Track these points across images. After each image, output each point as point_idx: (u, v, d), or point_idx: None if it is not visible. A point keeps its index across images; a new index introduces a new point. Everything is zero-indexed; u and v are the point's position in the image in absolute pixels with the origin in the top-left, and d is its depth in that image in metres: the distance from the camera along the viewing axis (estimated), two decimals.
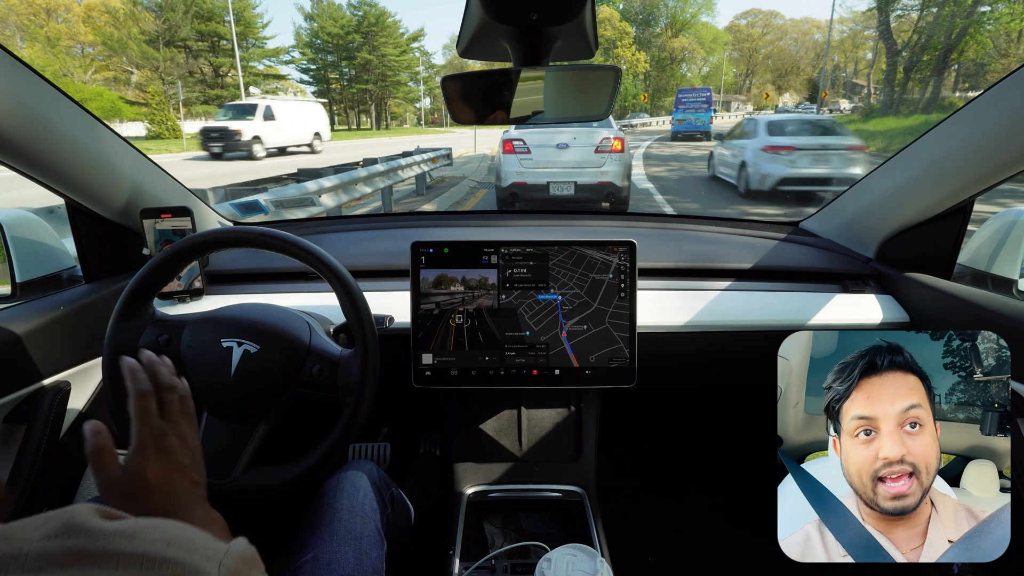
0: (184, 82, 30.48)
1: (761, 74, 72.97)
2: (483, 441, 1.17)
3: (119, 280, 1.09)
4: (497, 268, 0.96)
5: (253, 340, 0.79)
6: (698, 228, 1.44)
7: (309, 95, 47.81)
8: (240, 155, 14.51)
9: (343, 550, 0.75)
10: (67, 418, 0.94)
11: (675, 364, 1.19)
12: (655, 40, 60.43)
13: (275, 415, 0.80)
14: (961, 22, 20.90)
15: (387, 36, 44.34)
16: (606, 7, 54.99)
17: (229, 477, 0.77)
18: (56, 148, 0.87)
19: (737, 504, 1.48)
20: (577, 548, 0.82)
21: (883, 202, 1.13)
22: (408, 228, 1.47)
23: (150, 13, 30.14)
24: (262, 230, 0.80)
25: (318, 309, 1.02)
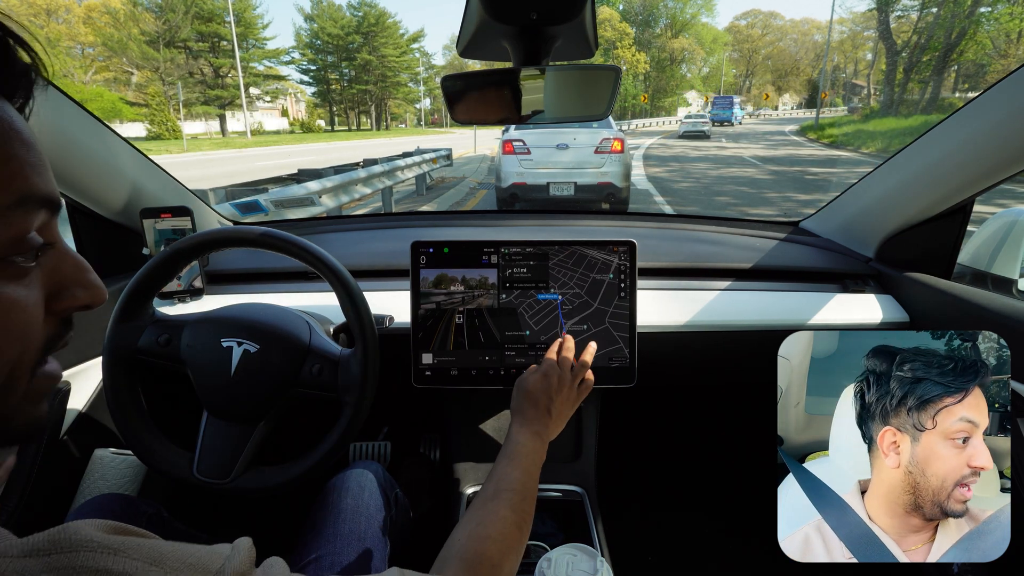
0: (184, 83, 30.51)
1: (761, 75, 72.96)
2: (483, 441, 1.17)
3: (119, 280, 1.09)
4: (497, 268, 0.96)
5: (253, 340, 0.79)
6: (698, 228, 1.44)
7: (309, 96, 47.91)
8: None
9: (347, 550, 0.75)
10: (67, 418, 0.94)
11: (675, 364, 1.19)
12: (655, 41, 60.44)
13: (275, 415, 0.80)
14: (961, 23, 20.92)
15: (387, 37, 44.38)
16: (606, 8, 55.04)
17: (229, 477, 0.77)
18: (56, 148, 0.87)
19: (737, 504, 1.48)
20: (577, 548, 0.82)
21: (883, 202, 1.13)
22: (408, 228, 1.47)
23: (150, 14, 30.17)
24: (262, 230, 0.80)
25: (318, 309, 1.02)
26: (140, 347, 0.79)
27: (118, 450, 1.00)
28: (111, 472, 0.96)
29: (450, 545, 0.56)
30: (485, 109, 0.76)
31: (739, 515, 1.45)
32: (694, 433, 1.66)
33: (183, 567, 0.34)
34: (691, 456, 1.64)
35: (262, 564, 0.40)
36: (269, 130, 42.96)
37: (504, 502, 0.61)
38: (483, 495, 0.63)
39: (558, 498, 1.10)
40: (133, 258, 1.13)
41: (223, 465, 0.77)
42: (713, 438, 1.63)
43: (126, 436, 0.79)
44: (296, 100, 51.98)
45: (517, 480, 0.64)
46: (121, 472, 0.97)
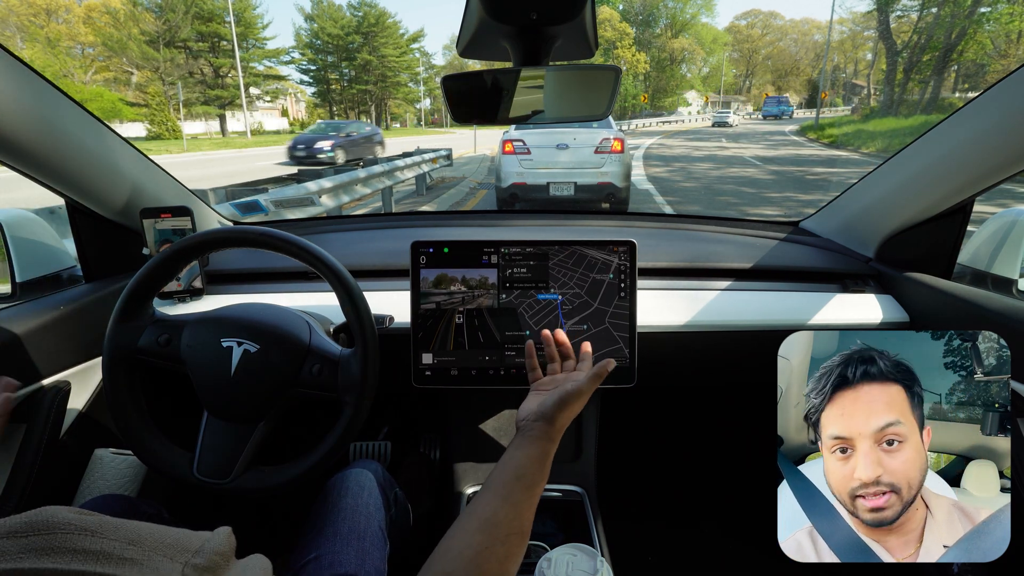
0: (184, 83, 30.49)
1: (761, 75, 72.92)
2: (483, 441, 1.17)
3: (119, 280, 1.09)
4: (497, 268, 0.96)
5: (253, 340, 0.79)
6: (698, 228, 1.44)
7: (309, 96, 47.89)
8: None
9: (346, 549, 0.75)
10: (67, 418, 0.94)
11: (675, 364, 1.19)
12: (655, 41, 60.43)
13: (275, 415, 0.80)
14: (961, 23, 20.91)
15: (387, 37, 44.36)
16: (606, 8, 55.03)
17: (229, 477, 0.77)
18: (56, 148, 0.87)
19: (737, 504, 1.48)
20: (577, 548, 0.82)
21: (883, 202, 1.13)
22: (408, 228, 1.47)
23: (150, 14, 30.16)
24: (262, 230, 0.80)
25: (318, 309, 1.02)
26: (140, 347, 0.79)
27: (118, 450, 1.00)
28: (111, 472, 0.97)
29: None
30: (485, 109, 0.76)
31: (739, 515, 1.45)
32: (694, 433, 1.66)
33: (161, 546, 0.34)
34: (691, 456, 1.64)
35: (247, 558, 0.41)
36: (269, 130, 42.92)
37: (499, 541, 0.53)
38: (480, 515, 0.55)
39: (558, 498, 1.10)
40: (133, 258, 1.13)
41: (223, 465, 0.77)
42: (713, 438, 1.63)
43: (126, 436, 0.79)
44: (296, 100, 52.00)
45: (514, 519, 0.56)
46: (121, 472, 0.97)
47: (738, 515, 1.45)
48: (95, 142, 0.94)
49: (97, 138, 0.95)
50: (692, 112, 54.41)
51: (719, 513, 1.49)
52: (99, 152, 0.96)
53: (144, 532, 0.35)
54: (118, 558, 0.32)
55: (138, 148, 1.07)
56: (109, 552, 0.32)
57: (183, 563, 0.34)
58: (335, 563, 0.73)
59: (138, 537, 0.34)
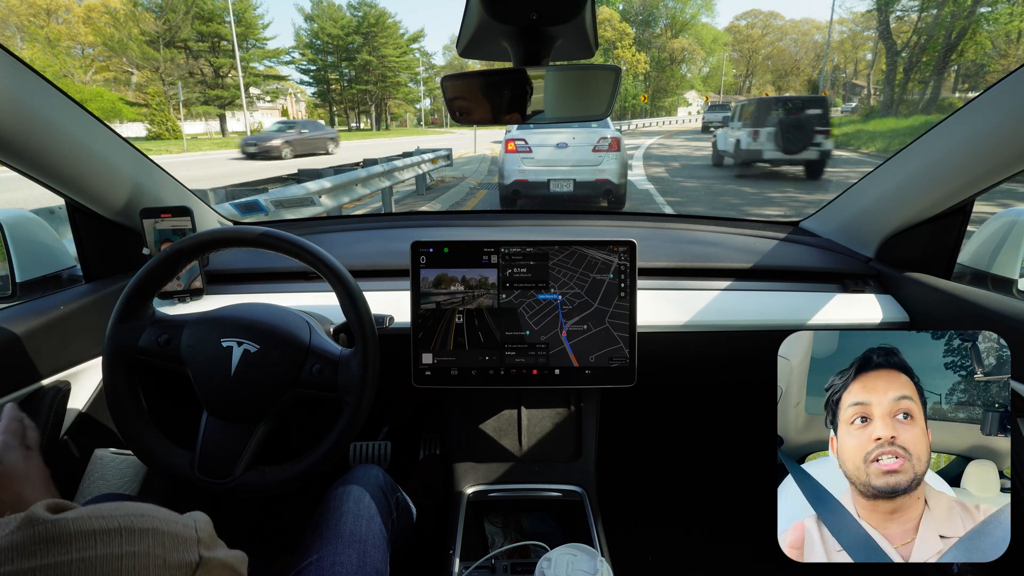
0: (184, 83, 30.48)
1: (761, 75, 72.93)
2: (483, 441, 1.17)
3: (119, 280, 1.09)
4: (497, 268, 0.96)
5: (253, 340, 0.79)
6: (698, 228, 1.44)
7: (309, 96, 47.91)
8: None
9: (347, 552, 0.75)
10: (67, 418, 0.94)
11: (675, 364, 1.19)
12: (655, 41, 60.44)
13: (275, 414, 0.80)
14: (961, 23, 20.91)
15: (387, 37, 44.35)
16: (606, 8, 55.02)
17: (229, 477, 0.77)
18: (56, 148, 0.87)
19: (737, 504, 1.48)
20: (577, 548, 0.82)
21: (883, 202, 1.13)
22: (408, 228, 1.47)
23: (150, 14, 30.14)
24: (262, 230, 0.80)
25: (318, 309, 1.02)
26: (140, 347, 0.79)
27: (118, 450, 1.00)
28: (111, 472, 0.96)
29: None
30: (485, 109, 0.76)
31: (739, 515, 1.45)
32: (694, 433, 1.66)
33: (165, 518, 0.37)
34: (691, 456, 1.64)
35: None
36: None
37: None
38: None
39: (558, 498, 1.10)
40: (133, 258, 1.13)
41: (223, 465, 0.77)
42: (713, 438, 1.63)
43: (126, 436, 0.79)
44: (296, 100, 51.97)
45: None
46: (121, 472, 0.97)
47: (738, 515, 1.45)
48: (95, 142, 0.94)
49: (97, 138, 0.95)
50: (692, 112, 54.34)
51: (719, 513, 1.49)
52: (99, 152, 0.96)
53: (141, 507, 0.37)
54: (140, 531, 0.34)
55: (138, 148, 1.07)
56: (130, 527, 0.33)
57: (192, 527, 0.35)
58: (336, 565, 0.73)
59: (140, 511, 0.36)
